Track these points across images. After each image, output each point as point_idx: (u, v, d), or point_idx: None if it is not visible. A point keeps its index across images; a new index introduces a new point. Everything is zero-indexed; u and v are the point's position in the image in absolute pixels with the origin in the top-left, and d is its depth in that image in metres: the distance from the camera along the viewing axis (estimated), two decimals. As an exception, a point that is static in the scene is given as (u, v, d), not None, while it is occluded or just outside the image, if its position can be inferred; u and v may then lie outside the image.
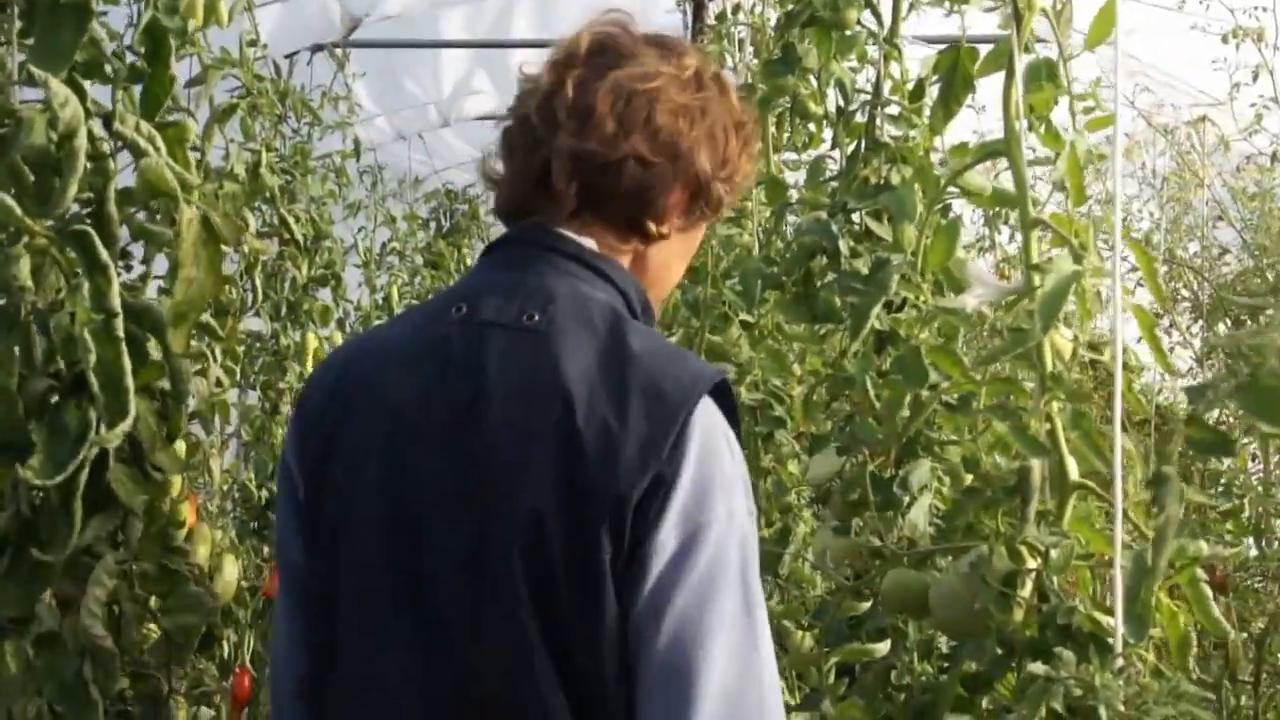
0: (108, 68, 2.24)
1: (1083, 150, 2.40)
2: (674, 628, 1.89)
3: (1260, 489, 5.02)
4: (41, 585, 2.11)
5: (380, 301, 8.43)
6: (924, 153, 2.64)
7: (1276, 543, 4.79)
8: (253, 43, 5.21)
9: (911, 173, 2.64)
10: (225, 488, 5.16)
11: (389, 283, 8.71)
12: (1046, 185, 2.47)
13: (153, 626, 2.46)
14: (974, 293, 2.42)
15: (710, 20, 5.60)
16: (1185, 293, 6.15)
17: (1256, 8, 5.48)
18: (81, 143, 2.07)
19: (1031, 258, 2.38)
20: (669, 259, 2.24)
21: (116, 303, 2.09)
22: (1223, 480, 4.92)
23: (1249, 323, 5.79)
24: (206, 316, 3.10)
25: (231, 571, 4.99)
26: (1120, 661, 2.07)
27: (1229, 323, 5.94)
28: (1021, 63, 2.37)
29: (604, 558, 1.89)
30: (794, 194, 4.18)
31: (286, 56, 6.86)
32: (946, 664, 2.63)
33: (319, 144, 7.16)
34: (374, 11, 6.65)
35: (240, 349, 6.42)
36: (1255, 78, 5.63)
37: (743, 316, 4.60)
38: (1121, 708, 1.92)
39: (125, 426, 2.08)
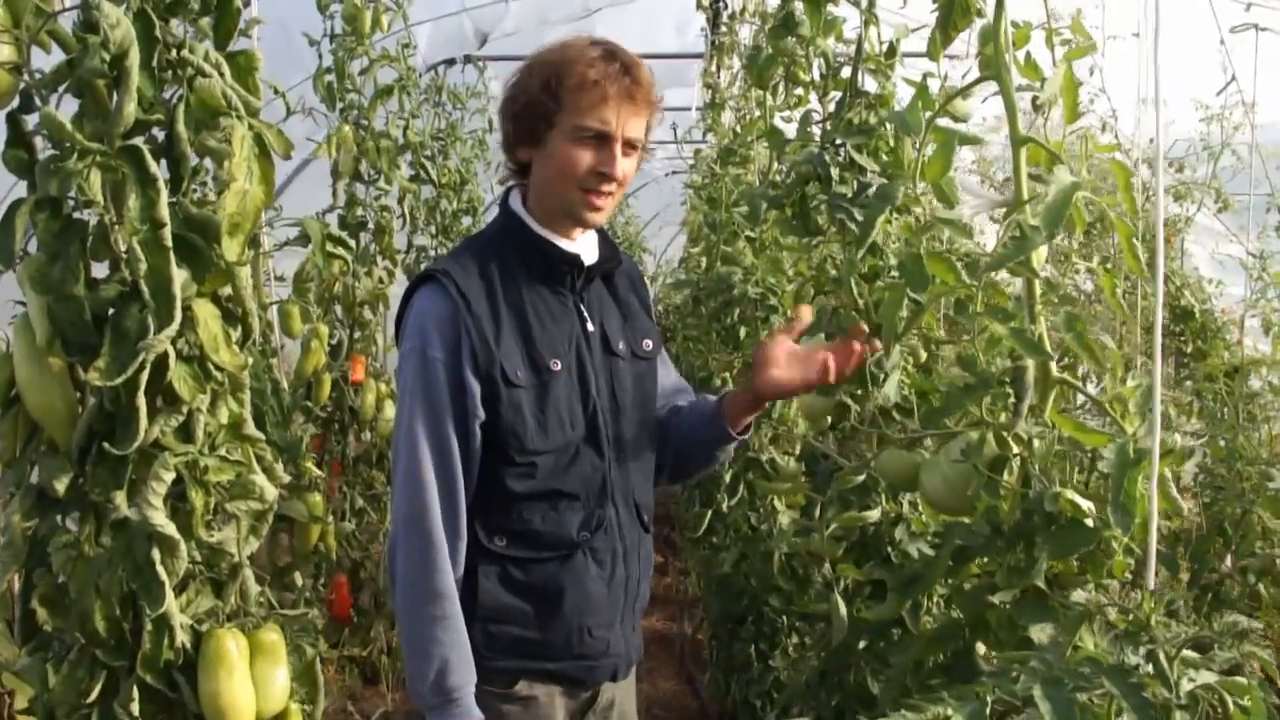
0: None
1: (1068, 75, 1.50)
2: None
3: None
4: (120, 475, 1.42)
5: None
6: (923, 78, 1.70)
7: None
8: (406, 45, 4.36)
9: (913, 94, 1.69)
10: (387, 353, 4.34)
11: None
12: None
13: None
14: (968, 203, 1.54)
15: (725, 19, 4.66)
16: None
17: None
18: (133, 63, 1.34)
19: (1020, 173, 1.49)
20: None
21: (164, 213, 1.36)
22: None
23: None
24: (344, 235, 2.33)
25: (390, 411, 4.23)
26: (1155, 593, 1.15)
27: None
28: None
29: None
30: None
31: (436, 65, 5.93)
32: (938, 540, 1.74)
33: (469, 122, 6.42)
34: (496, 30, 5.67)
35: (410, 258, 5.68)
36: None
37: (748, 233, 3.81)
38: (1168, 650, 1.02)
39: (171, 330, 1.36)
